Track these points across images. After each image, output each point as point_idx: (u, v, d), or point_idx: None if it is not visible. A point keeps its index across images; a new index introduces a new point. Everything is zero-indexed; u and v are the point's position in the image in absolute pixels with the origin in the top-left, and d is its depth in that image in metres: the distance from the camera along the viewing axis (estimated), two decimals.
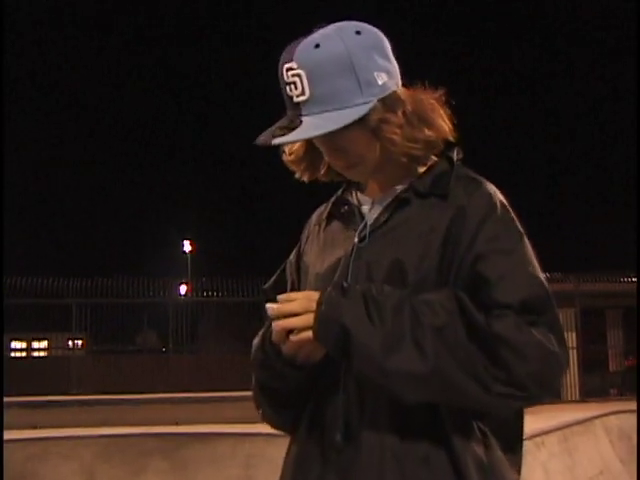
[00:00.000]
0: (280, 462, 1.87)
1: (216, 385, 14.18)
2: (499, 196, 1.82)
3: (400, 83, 1.84)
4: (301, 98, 1.75)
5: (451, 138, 1.85)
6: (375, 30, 1.83)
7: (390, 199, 1.85)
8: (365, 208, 1.90)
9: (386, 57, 1.82)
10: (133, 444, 8.85)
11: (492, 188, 1.83)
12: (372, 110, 1.75)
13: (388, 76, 1.80)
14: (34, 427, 10.62)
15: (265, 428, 1.99)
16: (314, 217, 2.04)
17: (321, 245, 1.93)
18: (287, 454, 1.87)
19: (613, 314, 22.51)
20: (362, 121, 1.75)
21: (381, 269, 1.76)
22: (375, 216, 1.85)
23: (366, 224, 1.84)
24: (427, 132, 1.80)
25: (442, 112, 1.82)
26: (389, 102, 1.78)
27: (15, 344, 27.86)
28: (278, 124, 1.77)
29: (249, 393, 1.95)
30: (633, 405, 13.88)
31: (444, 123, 1.82)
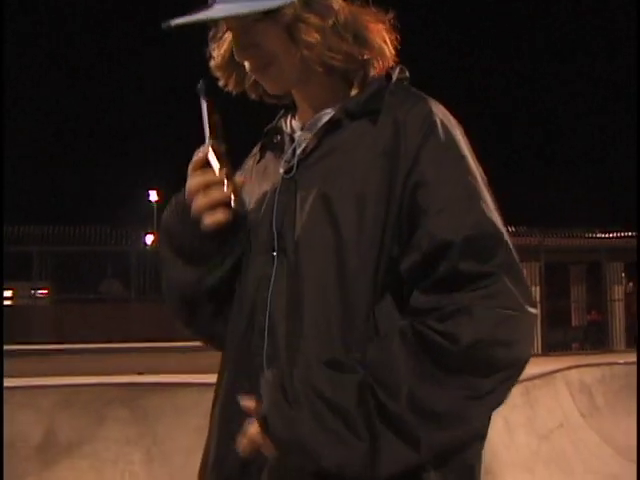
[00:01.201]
0: None
1: (179, 335, 14.13)
2: (441, 111, 1.60)
3: None
4: None
5: (389, 61, 1.66)
6: None
7: (320, 124, 1.65)
8: (297, 135, 1.70)
9: None
10: (94, 393, 8.79)
11: (433, 103, 1.60)
12: (288, 5, 1.56)
13: None
14: None
15: None
16: (252, 152, 1.85)
17: (253, 180, 1.75)
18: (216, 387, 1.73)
19: (577, 270, 22.72)
20: (276, 16, 1.57)
21: (307, 205, 1.57)
22: (304, 144, 1.66)
23: (295, 153, 1.66)
24: (357, 49, 1.62)
25: (384, 35, 1.64)
26: (314, 5, 1.58)
27: None
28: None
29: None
30: (594, 359, 14.06)
31: (384, 45, 1.64)
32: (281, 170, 1.65)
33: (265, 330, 1.57)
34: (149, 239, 22.49)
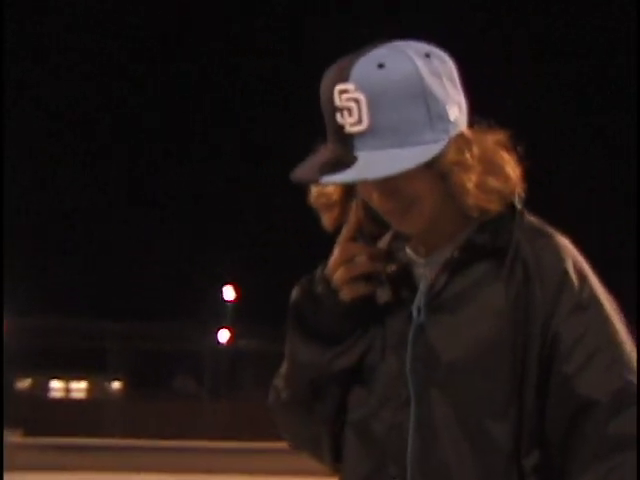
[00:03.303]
0: None
1: (251, 434, 14.01)
2: (572, 252, 1.55)
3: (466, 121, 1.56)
4: (356, 128, 1.45)
5: (520, 190, 1.55)
6: (445, 54, 1.54)
7: (445, 259, 1.56)
8: (415, 269, 1.60)
9: (457, 88, 1.54)
10: None
11: (563, 243, 1.55)
12: (444, 150, 1.47)
13: (459, 111, 1.52)
14: (65, 470, 10.52)
15: None
16: None
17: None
18: None
19: None
20: (432, 162, 1.46)
21: (441, 356, 1.53)
22: (429, 282, 1.56)
23: (417, 290, 1.58)
24: (497, 182, 1.51)
25: (507, 158, 1.53)
26: (459, 142, 1.49)
27: (54, 384, 28.15)
28: (319, 157, 1.49)
29: (284, 445, 1.74)
30: None
31: (512, 171, 1.52)
32: (414, 313, 1.55)
33: None
34: (223, 335, 22.59)
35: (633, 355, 1.50)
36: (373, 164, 1.44)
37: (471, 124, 1.54)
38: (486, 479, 1.47)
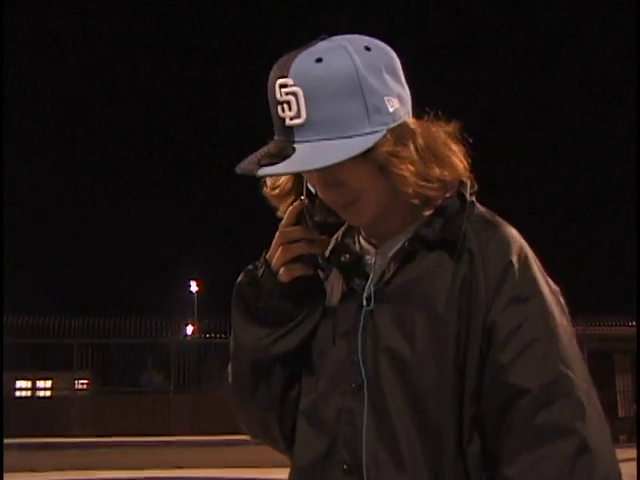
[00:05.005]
0: None
1: (219, 428, 14.01)
2: (518, 243, 1.56)
3: (411, 111, 1.58)
4: (295, 121, 1.47)
5: (465, 179, 1.59)
6: (386, 47, 1.56)
7: (394, 250, 1.60)
8: (368, 259, 1.64)
9: (398, 80, 1.56)
10: None
11: (510, 234, 1.57)
12: (381, 142, 1.49)
13: (400, 103, 1.53)
14: (32, 470, 10.46)
15: (269, 473, 1.86)
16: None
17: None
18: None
19: (622, 358, 22.28)
20: (368, 154, 1.48)
21: (390, 341, 1.55)
22: (379, 272, 1.61)
23: (368, 279, 1.61)
24: (440, 171, 1.54)
25: (456, 148, 1.56)
26: (399, 133, 1.51)
27: (20, 383, 27.91)
28: (264, 150, 1.51)
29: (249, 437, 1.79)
30: None
31: (459, 162, 1.56)
32: (364, 303, 1.59)
33: (353, 468, 1.54)
34: (189, 330, 22.54)
35: (570, 349, 1.52)
36: (309, 156, 1.46)
37: (419, 115, 1.58)
38: (434, 466, 1.50)
